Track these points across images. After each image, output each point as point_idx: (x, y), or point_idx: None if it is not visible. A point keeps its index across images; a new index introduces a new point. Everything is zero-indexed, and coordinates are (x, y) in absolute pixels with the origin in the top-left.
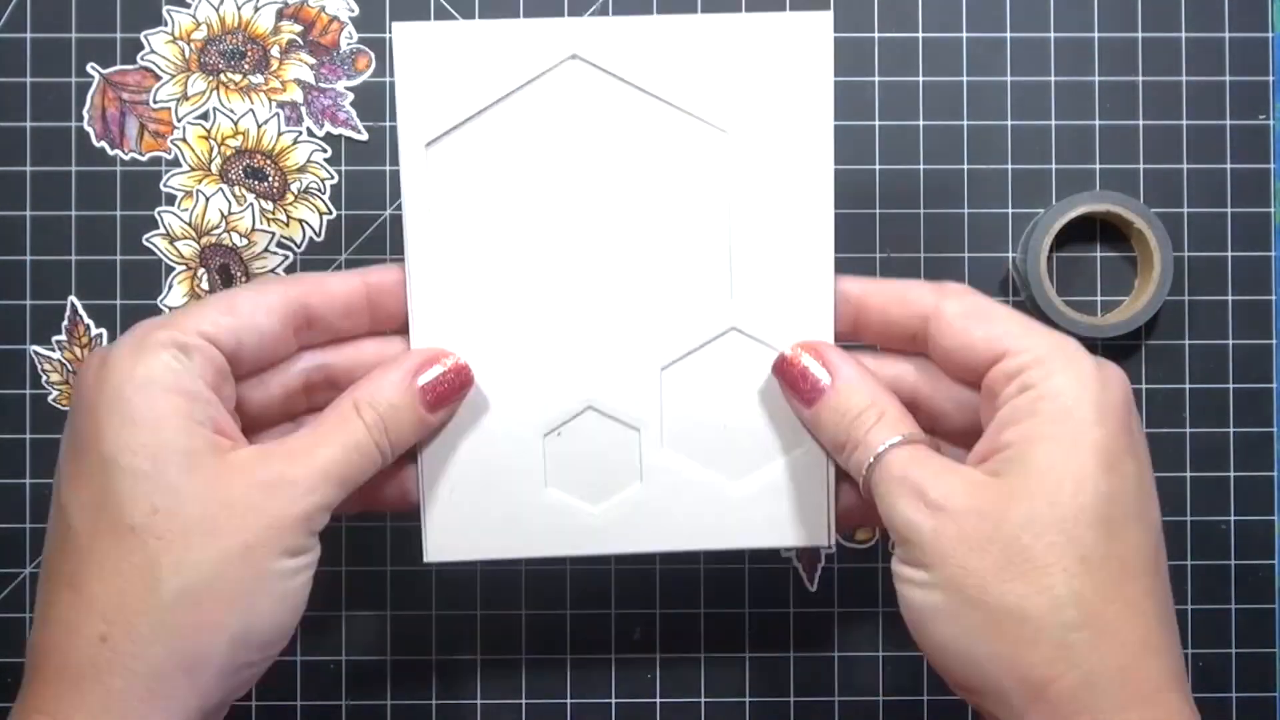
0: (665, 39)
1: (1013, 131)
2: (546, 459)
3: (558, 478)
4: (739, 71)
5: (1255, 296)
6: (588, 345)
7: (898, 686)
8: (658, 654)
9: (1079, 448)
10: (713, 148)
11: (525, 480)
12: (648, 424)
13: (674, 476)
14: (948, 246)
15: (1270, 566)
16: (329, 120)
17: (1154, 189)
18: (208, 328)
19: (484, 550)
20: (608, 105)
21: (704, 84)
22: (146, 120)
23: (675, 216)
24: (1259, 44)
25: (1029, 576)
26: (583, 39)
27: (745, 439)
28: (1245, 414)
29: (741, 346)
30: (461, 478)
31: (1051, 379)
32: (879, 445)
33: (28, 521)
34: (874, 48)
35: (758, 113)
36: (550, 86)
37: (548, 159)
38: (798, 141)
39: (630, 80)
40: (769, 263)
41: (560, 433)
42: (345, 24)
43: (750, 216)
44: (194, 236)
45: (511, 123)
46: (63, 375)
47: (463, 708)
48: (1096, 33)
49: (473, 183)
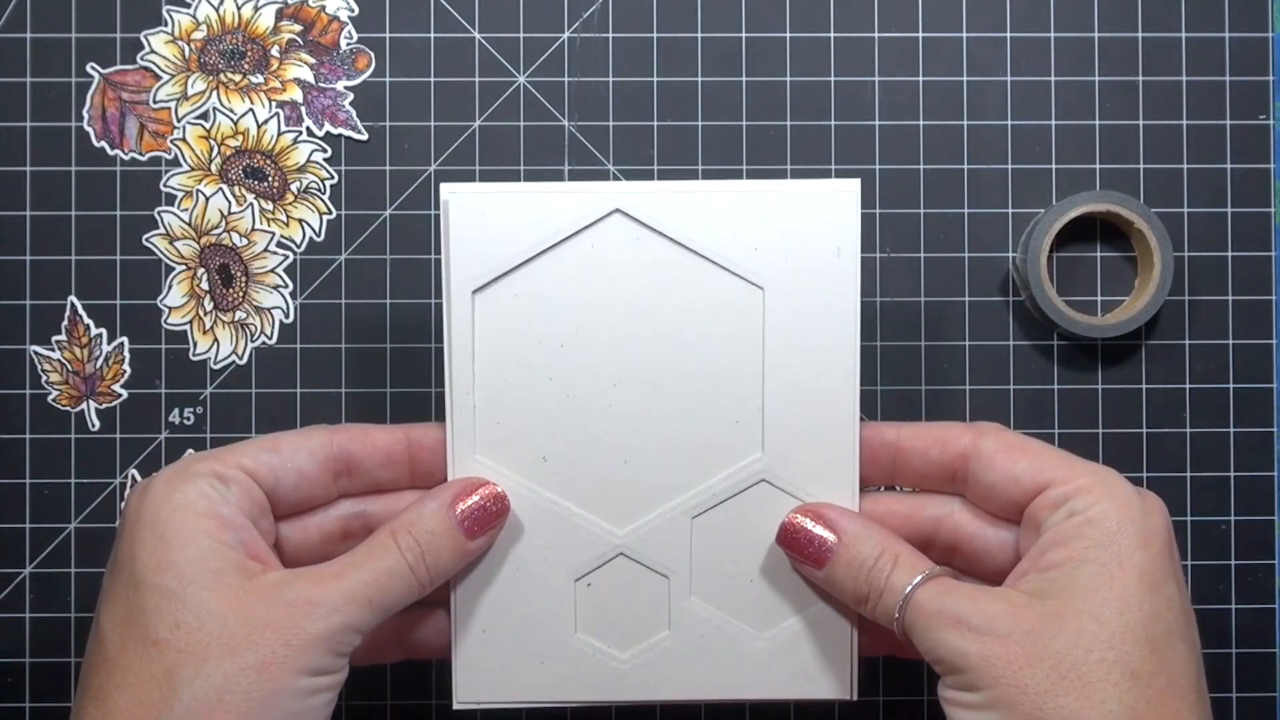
0: (705, 200)
1: (1013, 131)
2: (578, 604)
3: (588, 623)
4: (774, 232)
5: (1255, 296)
6: (621, 491)
7: (898, 686)
8: None
9: (1124, 569)
10: (749, 304)
11: (556, 625)
12: (677, 572)
13: (702, 625)
14: (948, 246)
15: (1270, 566)
16: (329, 120)
17: (1154, 189)
18: (248, 462)
19: (513, 693)
20: (648, 259)
21: (741, 242)
22: (146, 120)
23: (711, 368)
24: (1259, 44)
25: (1081, 691)
26: (626, 198)
27: (772, 591)
28: (1245, 414)
29: (770, 497)
30: (493, 620)
31: (1096, 505)
32: (905, 587)
33: (28, 521)
34: (874, 48)
35: (791, 272)
36: (594, 241)
37: (589, 308)
38: (826, 301)
39: (670, 235)
40: (798, 416)
41: (591, 580)
42: (345, 24)
43: (782, 371)
44: (194, 236)
45: (556, 273)
46: (63, 375)
47: None
48: (1096, 33)
49: (515, 328)
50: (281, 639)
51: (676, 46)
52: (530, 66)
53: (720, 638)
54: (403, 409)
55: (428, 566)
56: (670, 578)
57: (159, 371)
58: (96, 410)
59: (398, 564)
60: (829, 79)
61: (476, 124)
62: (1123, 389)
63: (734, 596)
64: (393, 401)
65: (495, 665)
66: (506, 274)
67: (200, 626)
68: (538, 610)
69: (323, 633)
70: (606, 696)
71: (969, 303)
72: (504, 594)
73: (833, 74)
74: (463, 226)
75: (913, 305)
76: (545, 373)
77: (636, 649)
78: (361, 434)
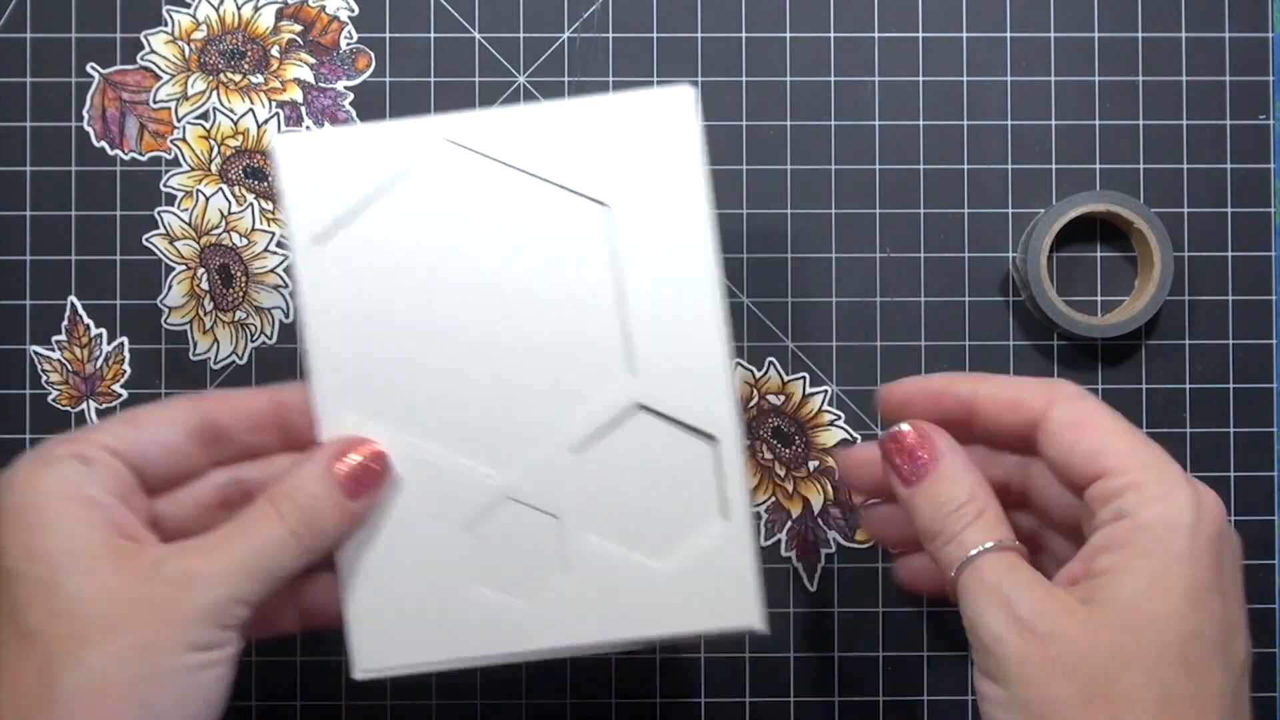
0: (539, 122)
1: (1013, 131)
2: (469, 555)
3: (482, 573)
4: (614, 148)
5: (1255, 296)
6: (496, 432)
7: (898, 686)
8: (658, 654)
9: (1169, 584)
10: (597, 223)
11: (449, 578)
12: (567, 510)
13: (600, 563)
14: (948, 246)
15: (1270, 566)
16: (329, 120)
17: (1154, 189)
18: (109, 440)
19: (414, 655)
20: (489, 190)
21: (581, 161)
22: (146, 120)
23: (568, 295)
24: (1259, 44)
25: (1110, 712)
26: (457, 128)
27: (667, 520)
28: (1245, 414)
29: (649, 425)
30: (383, 581)
31: (1147, 508)
32: (974, 548)
33: None
34: (874, 48)
35: (636, 187)
36: (431, 176)
37: (436, 246)
38: (676, 214)
39: (507, 161)
40: (665, 338)
41: (478, 528)
42: (345, 24)
43: (641, 291)
44: (194, 236)
45: (398, 214)
46: (63, 375)
47: (463, 708)
48: (1096, 33)
49: (366, 276)
50: (162, 616)
51: (676, 46)
52: (530, 66)
53: (619, 575)
54: None
55: (311, 531)
56: (561, 517)
57: (159, 371)
58: (97, 410)
59: (279, 531)
60: (829, 79)
61: None
62: (1123, 389)
63: (628, 530)
64: None
65: (391, 628)
66: (347, 219)
67: (75, 612)
68: (428, 565)
69: (205, 606)
70: (512, 648)
71: (969, 303)
72: (390, 552)
73: (833, 74)
74: (295, 172)
75: (913, 305)
76: (401, 317)
77: (536, 595)
78: (226, 400)
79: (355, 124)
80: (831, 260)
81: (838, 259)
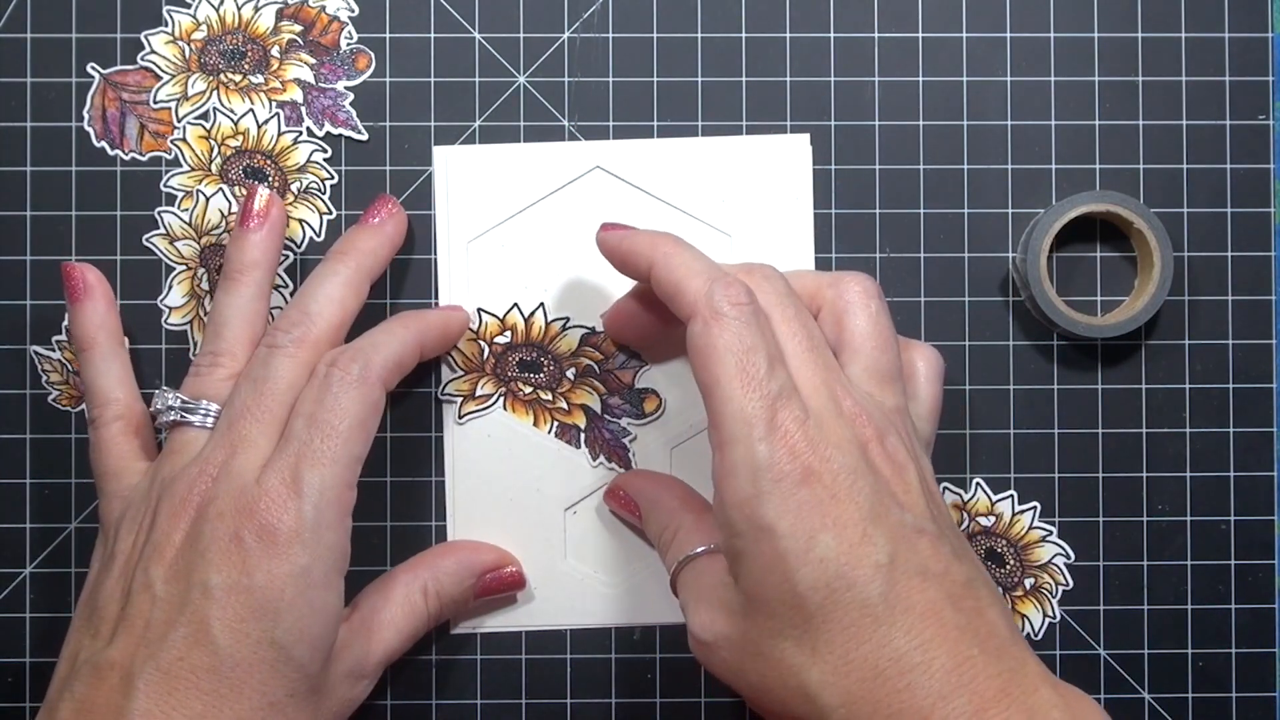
0: (674, 156)
1: (1013, 131)
2: (567, 532)
3: (576, 550)
4: (738, 185)
5: (1255, 296)
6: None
7: None
8: (657, 654)
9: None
10: (720, 251)
11: (549, 552)
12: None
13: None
14: (948, 246)
15: (1270, 566)
16: (329, 120)
17: (1154, 189)
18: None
19: (507, 618)
20: (625, 211)
21: (710, 194)
22: (146, 120)
23: None
24: (1259, 44)
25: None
26: (605, 155)
27: None
28: (1245, 414)
29: None
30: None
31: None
32: (672, 565)
33: (28, 521)
34: (874, 48)
35: (753, 220)
36: (576, 194)
37: (570, 258)
38: (786, 245)
39: (646, 190)
40: None
41: (578, 509)
42: (345, 24)
43: None
44: (194, 236)
45: (539, 225)
46: (63, 375)
47: (463, 707)
48: (1096, 33)
49: (505, 275)
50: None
51: (676, 46)
52: (530, 66)
53: None
54: (402, 408)
55: (437, 620)
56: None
57: (159, 371)
58: None
59: (422, 626)
60: (829, 79)
61: (476, 124)
62: (1123, 389)
63: None
64: (392, 399)
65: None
66: (496, 227)
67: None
68: (531, 539)
69: (359, 696)
70: (597, 620)
71: (969, 303)
72: (500, 525)
73: (832, 74)
74: (457, 182)
75: (913, 305)
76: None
77: (621, 575)
78: (436, 325)
79: (515, 145)
80: (831, 260)
81: (838, 259)
